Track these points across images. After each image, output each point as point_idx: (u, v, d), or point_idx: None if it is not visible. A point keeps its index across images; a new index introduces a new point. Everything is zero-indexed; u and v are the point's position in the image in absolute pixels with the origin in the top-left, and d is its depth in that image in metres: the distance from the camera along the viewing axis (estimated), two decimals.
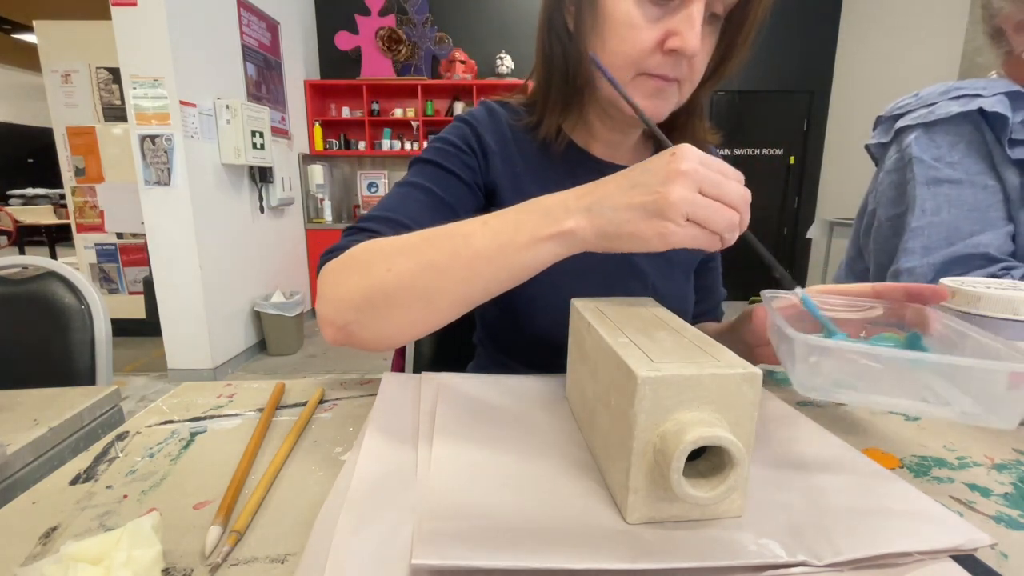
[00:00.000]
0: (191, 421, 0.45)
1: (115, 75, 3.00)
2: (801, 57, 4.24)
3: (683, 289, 0.68)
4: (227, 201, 2.95)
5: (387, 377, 0.49)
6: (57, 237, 5.07)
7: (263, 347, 3.28)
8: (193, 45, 2.60)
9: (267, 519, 0.31)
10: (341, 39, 4.06)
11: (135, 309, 3.31)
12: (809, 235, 3.45)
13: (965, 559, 0.27)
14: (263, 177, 3.22)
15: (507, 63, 4.08)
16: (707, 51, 0.51)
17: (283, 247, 3.63)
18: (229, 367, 2.94)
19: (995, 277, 0.67)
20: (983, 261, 0.69)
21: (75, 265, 2.03)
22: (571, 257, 0.39)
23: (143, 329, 3.22)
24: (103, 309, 0.89)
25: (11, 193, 5.71)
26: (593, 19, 0.51)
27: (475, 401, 0.44)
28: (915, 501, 0.31)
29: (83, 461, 0.38)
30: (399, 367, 0.75)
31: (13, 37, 5.52)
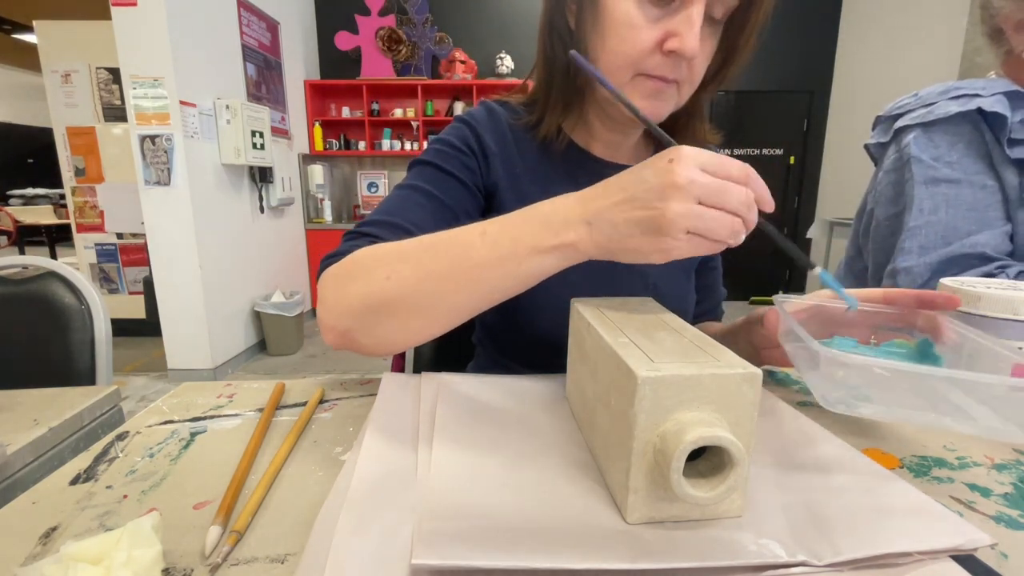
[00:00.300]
0: (191, 421, 0.45)
1: (115, 75, 3.00)
2: (801, 57, 4.24)
3: (684, 289, 0.68)
4: (227, 201, 2.95)
5: (387, 377, 0.49)
6: (57, 237, 5.06)
7: (263, 347, 3.28)
8: (193, 45, 2.60)
9: (267, 519, 0.31)
10: (341, 39, 4.06)
11: (135, 309, 3.31)
12: (809, 235, 3.45)
13: (965, 559, 0.27)
14: (263, 177, 3.22)
15: (507, 63, 4.08)
16: (707, 53, 0.51)
17: (283, 247, 3.63)
18: (229, 367, 2.95)
19: (990, 275, 0.67)
20: (980, 261, 0.69)
21: (75, 265, 2.03)
22: None
23: (143, 329, 3.22)
24: (103, 309, 0.89)
25: (11, 193, 5.71)
26: (594, 18, 0.51)
27: (475, 401, 0.44)
28: (915, 501, 0.31)
29: (83, 461, 0.38)
30: (399, 367, 0.75)
31: (13, 37, 5.52)
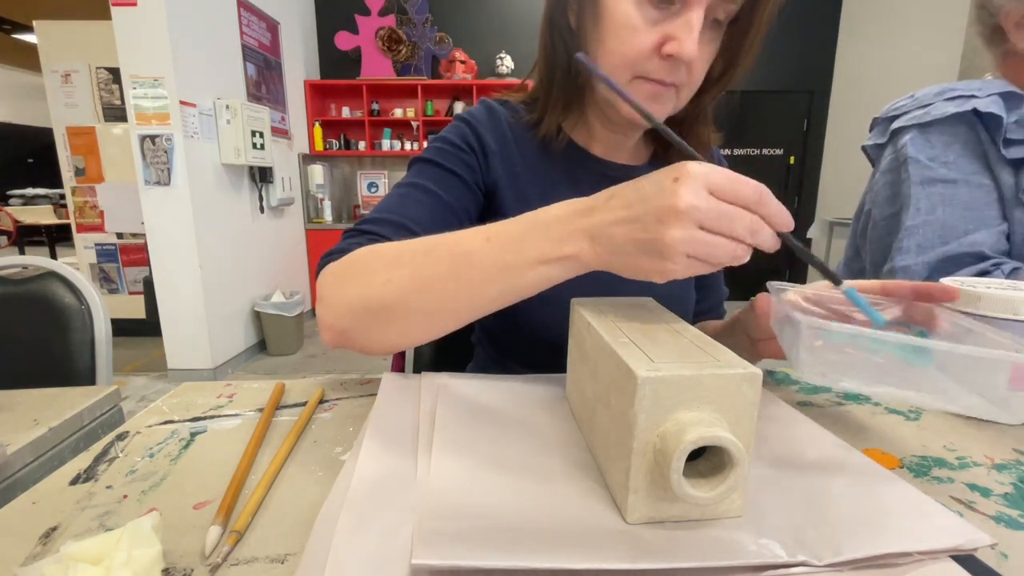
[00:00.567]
0: (191, 421, 0.45)
1: (115, 75, 3.00)
2: (801, 57, 4.24)
3: (684, 288, 0.67)
4: (227, 201, 2.95)
5: (387, 377, 0.49)
6: (57, 237, 5.07)
7: (263, 347, 3.28)
8: (193, 45, 2.60)
9: (267, 519, 0.31)
10: (341, 39, 4.06)
11: (135, 309, 3.31)
12: (809, 235, 3.46)
13: (965, 559, 0.27)
14: (263, 177, 3.22)
15: (507, 63, 4.08)
16: (707, 57, 0.50)
17: (283, 247, 3.63)
18: (229, 367, 2.95)
19: (985, 272, 0.67)
20: (977, 259, 0.69)
21: (75, 265, 2.03)
22: None
23: (143, 329, 3.22)
24: (103, 309, 0.89)
25: (11, 193, 5.72)
26: (594, 19, 0.51)
27: (475, 401, 0.44)
28: (915, 501, 0.31)
29: (83, 461, 0.38)
30: (399, 367, 0.75)
31: (13, 37, 5.52)
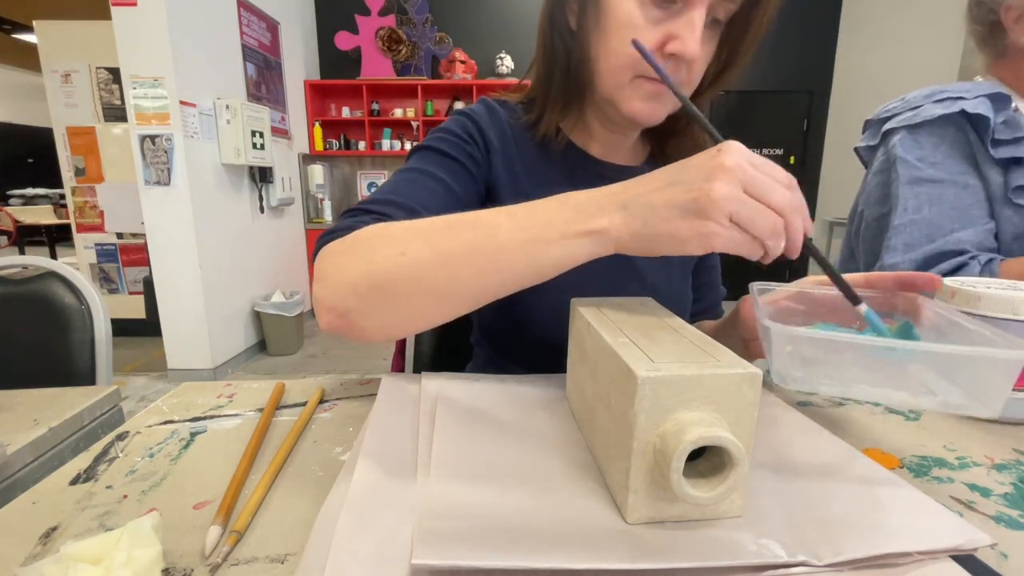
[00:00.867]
0: (191, 421, 0.45)
1: (115, 75, 3.00)
2: (801, 57, 4.24)
3: (682, 287, 0.67)
4: (227, 201, 2.95)
5: (387, 377, 0.49)
6: (57, 237, 5.07)
7: (263, 347, 3.28)
8: (193, 45, 2.60)
9: (267, 519, 0.31)
10: (341, 39, 4.06)
11: (135, 309, 3.31)
12: (809, 235, 3.46)
13: (965, 559, 0.27)
14: (263, 177, 3.22)
15: (507, 63, 4.08)
16: (707, 56, 0.50)
17: (283, 247, 3.63)
18: (229, 367, 2.95)
19: (962, 265, 0.69)
20: (958, 256, 0.71)
21: (75, 265, 2.03)
22: None
23: (143, 329, 3.22)
24: (103, 309, 0.89)
25: (11, 193, 5.72)
26: (596, 18, 0.51)
27: (475, 402, 0.44)
28: (915, 501, 0.31)
29: (83, 461, 0.38)
30: (399, 368, 0.75)
31: (13, 37, 5.52)
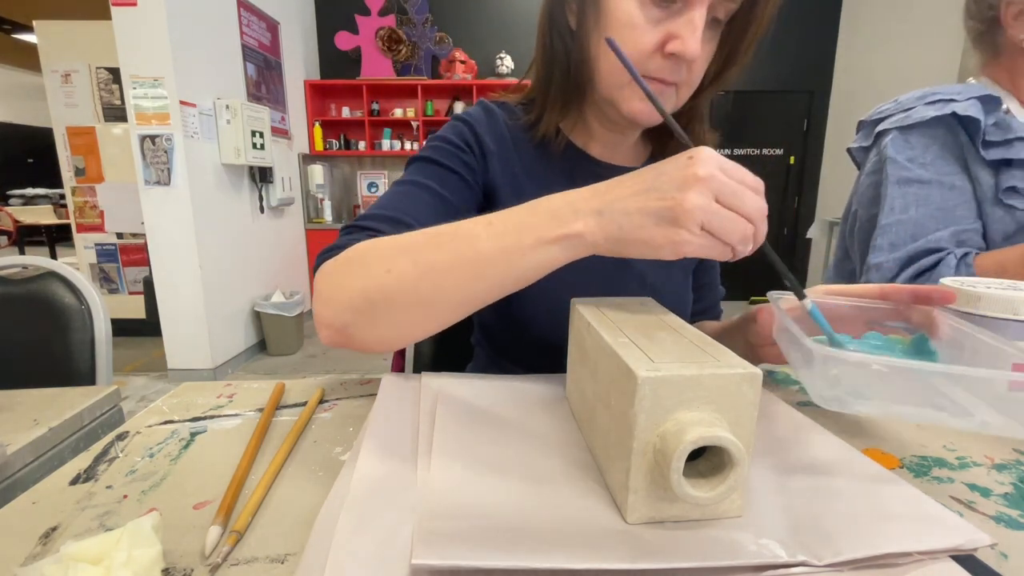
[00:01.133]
0: (191, 421, 0.45)
1: (115, 75, 3.00)
2: (801, 57, 4.24)
3: (681, 287, 0.67)
4: (227, 201, 2.95)
5: (387, 378, 0.49)
6: (57, 237, 5.07)
7: (263, 347, 3.28)
8: (193, 45, 2.60)
9: (267, 519, 0.31)
10: (341, 39, 4.06)
11: (135, 309, 3.31)
12: (809, 235, 3.46)
13: (965, 559, 0.27)
14: (263, 177, 3.22)
15: (507, 63, 4.08)
16: (707, 56, 0.51)
17: (283, 247, 3.63)
18: (229, 367, 2.95)
19: (939, 261, 0.70)
20: (935, 252, 0.72)
21: (75, 265, 2.03)
22: None
23: (143, 329, 3.22)
24: (103, 309, 0.89)
25: (11, 193, 5.72)
26: (595, 18, 0.51)
27: (475, 401, 0.44)
28: (915, 501, 0.31)
29: (83, 461, 0.38)
30: (399, 368, 0.75)
31: (13, 37, 5.52)
